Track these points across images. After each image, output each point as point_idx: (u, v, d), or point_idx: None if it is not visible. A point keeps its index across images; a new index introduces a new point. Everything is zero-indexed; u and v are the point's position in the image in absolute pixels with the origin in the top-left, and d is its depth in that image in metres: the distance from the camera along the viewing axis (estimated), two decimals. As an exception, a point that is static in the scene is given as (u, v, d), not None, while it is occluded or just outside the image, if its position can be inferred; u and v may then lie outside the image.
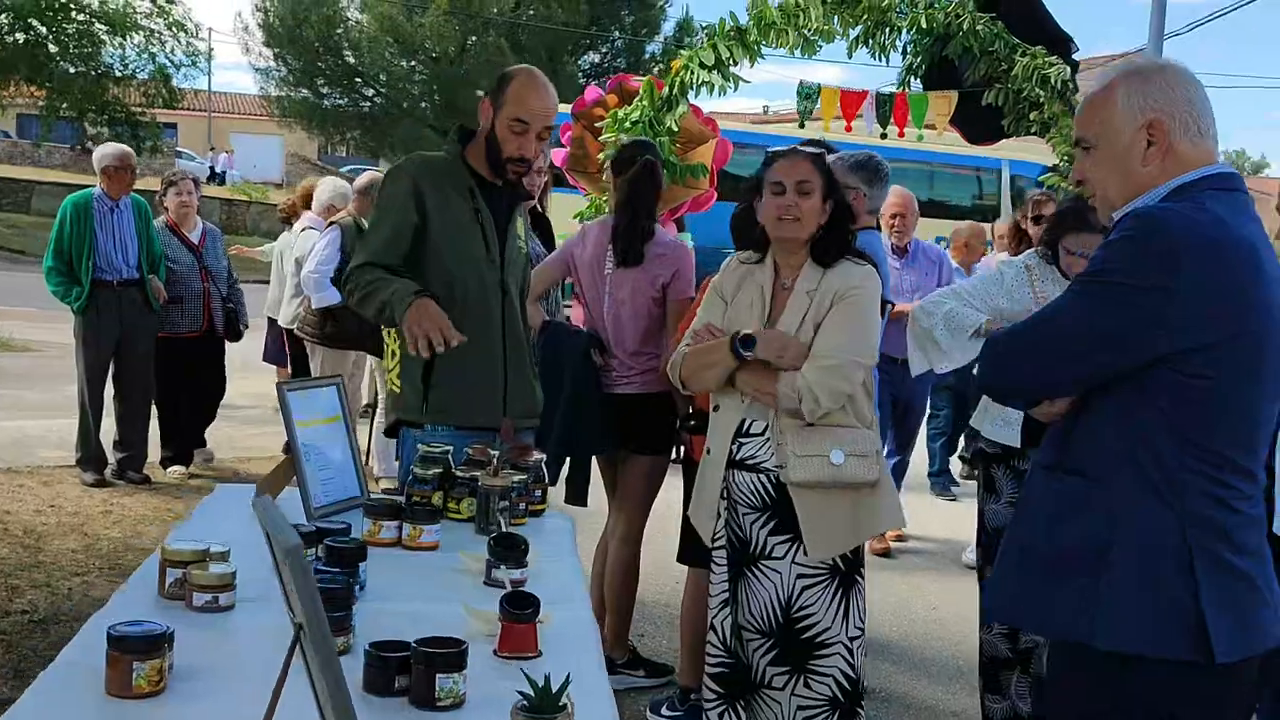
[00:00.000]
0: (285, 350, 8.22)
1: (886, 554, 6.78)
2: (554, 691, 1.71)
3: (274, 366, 10.11)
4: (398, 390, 3.55)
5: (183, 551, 2.37)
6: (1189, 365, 2.11)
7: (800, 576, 3.34)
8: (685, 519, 4.29)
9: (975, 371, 2.48)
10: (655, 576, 5.75)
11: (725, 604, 3.43)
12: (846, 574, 3.39)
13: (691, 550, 4.23)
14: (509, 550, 2.61)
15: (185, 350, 7.43)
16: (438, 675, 1.94)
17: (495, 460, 3.17)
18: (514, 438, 3.20)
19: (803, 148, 3.47)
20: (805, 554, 3.32)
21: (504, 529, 2.88)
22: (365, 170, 10.02)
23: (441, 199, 3.45)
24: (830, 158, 3.69)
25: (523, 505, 3.15)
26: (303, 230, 7.83)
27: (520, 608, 2.20)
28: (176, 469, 7.46)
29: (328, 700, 1.53)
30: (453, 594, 2.53)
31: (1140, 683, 2.13)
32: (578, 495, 4.49)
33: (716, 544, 3.46)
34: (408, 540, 2.87)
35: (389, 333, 3.63)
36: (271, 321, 9.15)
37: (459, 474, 3.16)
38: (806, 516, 3.29)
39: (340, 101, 36.89)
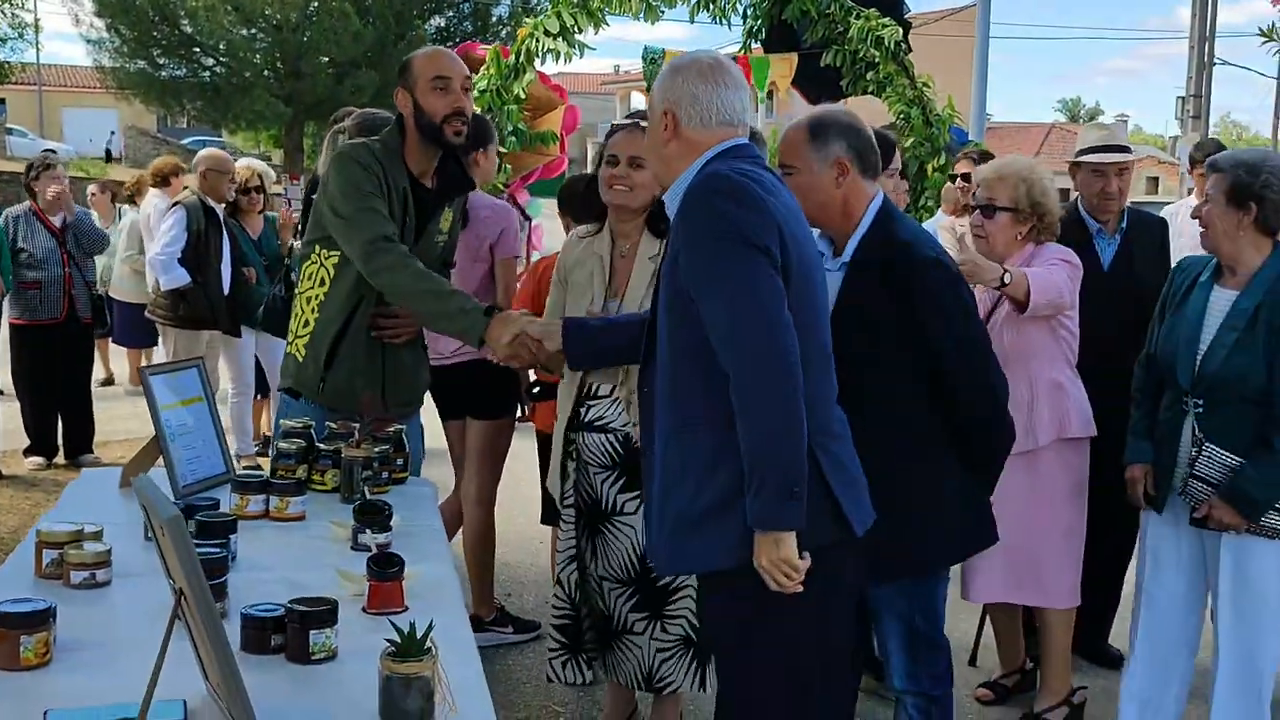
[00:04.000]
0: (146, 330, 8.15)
1: None
2: (419, 637, 1.89)
3: (124, 348, 9.99)
4: (300, 358, 3.62)
5: (57, 533, 2.48)
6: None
7: None
8: (544, 483, 4.49)
9: None
10: (520, 539, 5.97)
11: (571, 560, 3.61)
12: None
13: (551, 511, 4.44)
14: (373, 516, 2.77)
15: (46, 338, 7.31)
16: (310, 631, 2.10)
17: (357, 432, 3.31)
18: (373, 410, 3.33)
19: (643, 121, 3.63)
20: None
21: (367, 497, 3.03)
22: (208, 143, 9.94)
23: (386, 200, 3.50)
24: None
25: (385, 474, 3.30)
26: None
27: (385, 567, 2.37)
28: (35, 460, 7.38)
29: (211, 653, 1.68)
30: (321, 560, 2.68)
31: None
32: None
33: (565, 503, 3.63)
34: (275, 512, 2.99)
35: (306, 303, 3.63)
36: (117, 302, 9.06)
37: (322, 447, 3.29)
38: None
39: (178, 72, 35.80)
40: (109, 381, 10.32)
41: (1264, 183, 3.43)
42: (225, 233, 7.08)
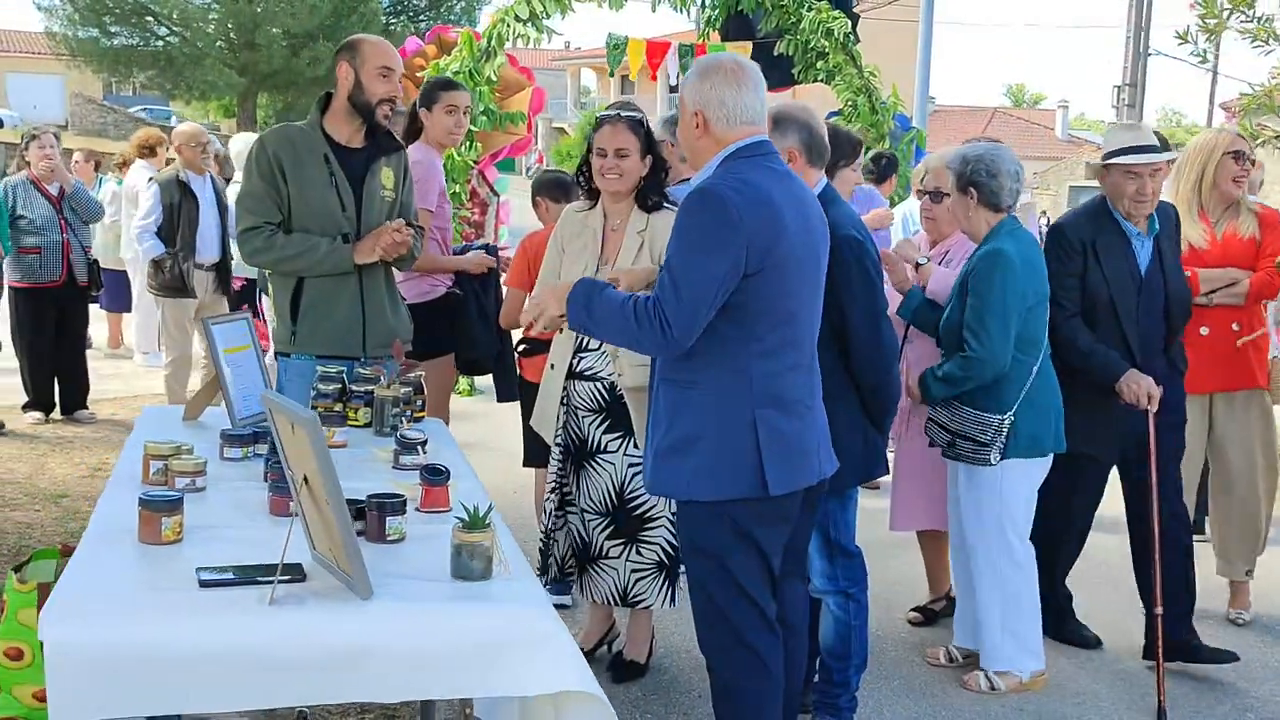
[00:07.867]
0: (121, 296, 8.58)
1: None
2: (482, 515, 2.47)
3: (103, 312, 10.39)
4: (274, 324, 4.26)
5: (162, 446, 3.02)
6: (747, 287, 2.95)
7: (631, 466, 4.08)
8: (525, 429, 5.04)
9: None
10: (503, 486, 6.54)
11: (554, 490, 4.20)
12: None
13: (533, 454, 5.00)
14: (413, 441, 3.33)
15: (47, 299, 7.75)
16: (388, 518, 2.66)
17: (387, 375, 3.86)
18: (402, 356, 3.88)
19: (624, 113, 4.17)
20: (635, 447, 4.09)
21: (400, 429, 3.59)
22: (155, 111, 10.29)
23: (298, 167, 4.11)
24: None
25: (409, 411, 3.86)
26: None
27: (436, 474, 2.93)
28: (34, 415, 7.84)
29: (333, 523, 2.24)
30: (370, 476, 3.23)
31: (729, 515, 3.06)
32: None
33: (556, 442, 4.20)
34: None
35: (269, 275, 4.28)
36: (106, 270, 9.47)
37: (354, 389, 3.84)
38: (637, 414, 4.06)
39: (131, 40, 35.72)
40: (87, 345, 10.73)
41: (973, 169, 4.18)
42: (217, 202, 7.61)
